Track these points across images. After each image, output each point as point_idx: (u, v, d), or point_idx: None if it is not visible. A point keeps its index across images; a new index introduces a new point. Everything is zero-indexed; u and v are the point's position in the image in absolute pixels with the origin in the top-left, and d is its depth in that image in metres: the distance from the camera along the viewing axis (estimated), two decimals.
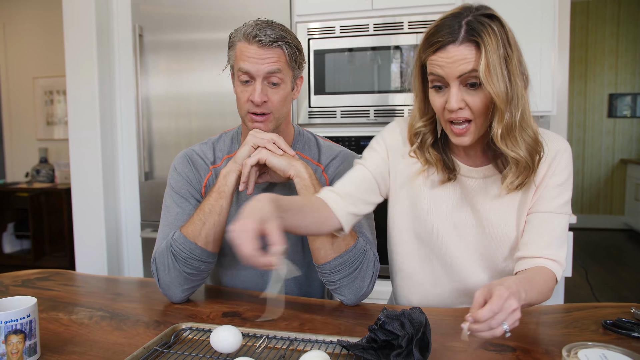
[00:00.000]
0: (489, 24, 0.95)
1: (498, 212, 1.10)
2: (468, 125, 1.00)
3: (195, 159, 1.31)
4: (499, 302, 0.78)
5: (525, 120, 1.00)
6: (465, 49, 0.95)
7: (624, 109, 5.92)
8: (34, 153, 4.93)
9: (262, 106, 1.18)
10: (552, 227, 1.06)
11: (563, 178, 1.07)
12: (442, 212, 1.13)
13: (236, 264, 1.32)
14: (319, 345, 0.90)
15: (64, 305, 1.17)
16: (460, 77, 0.96)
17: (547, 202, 1.07)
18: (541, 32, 2.35)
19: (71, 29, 2.60)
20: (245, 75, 1.17)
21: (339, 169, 1.29)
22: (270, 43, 1.15)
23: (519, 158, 1.00)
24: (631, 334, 0.94)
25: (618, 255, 4.94)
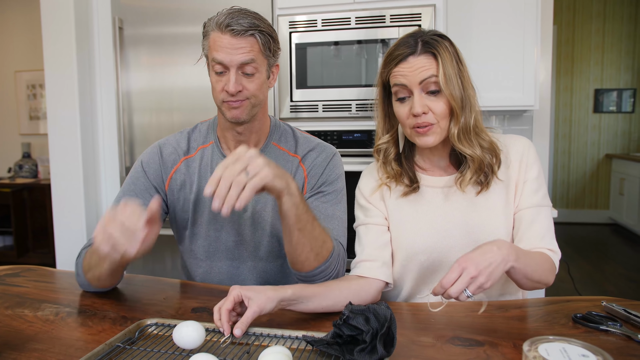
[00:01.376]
0: (442, 41, 1.09)
1: (481, 214, 1.15)
2: (431, 126, 1.09)
3: (166, 150, 1.30)
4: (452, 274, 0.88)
5: (478, 126, 1.12)
6: (424, 59, 1.07)
7: (609, 104, 5.96)
8: (16, 148, 4.86)
9: (238, 95, 1.17)
10: (540, 220, 1.13)
11: (537, 170, 1.16)
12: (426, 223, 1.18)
13: (209, 257, 1.31)
14: (284, 340, 0.89)
15: (30, 302, 1.15)
16: (422, 83, 1.07)
17: (530, 196, 1.14)
18: (524, 26, 2.36)
19: (49, 22, 2.55)
20: (220, 66, 1.16)
21: (316, 161, 1.29)
22: (243, 32, 1.13)
23: (474, 156, 1.11)
24: (599, 327, 0.94)
25: (603, 250, 4.99)
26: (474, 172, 1.13)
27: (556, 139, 6.11)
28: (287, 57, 2.23)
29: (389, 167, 1.20)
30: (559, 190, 6.20)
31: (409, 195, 1.20)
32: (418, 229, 1.17)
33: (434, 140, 1.10)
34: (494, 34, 2.39)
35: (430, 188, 1.19)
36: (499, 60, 2.39)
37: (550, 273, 1.08)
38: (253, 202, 1.28)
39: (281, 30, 2.23)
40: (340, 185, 1.30)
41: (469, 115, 1.10)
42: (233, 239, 1.29)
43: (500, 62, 2.39)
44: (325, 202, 1.25)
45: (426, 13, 2.08)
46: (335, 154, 1.33)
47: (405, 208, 1.20)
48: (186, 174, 1.29)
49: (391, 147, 1.21)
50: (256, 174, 0.90)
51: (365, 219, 1.23)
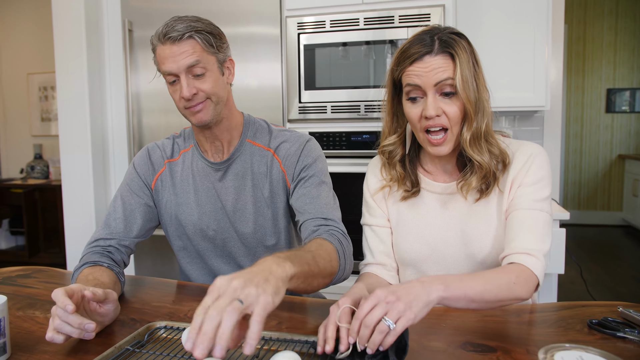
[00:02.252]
0: (459, 40, 1.04)
1: (478, 223, 1.12)
2: (445, 134, 1.05)
3: (154, 153, 1.36)
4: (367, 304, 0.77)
5: (489, 132, 1.08)
6: (441, 59, 1.02)
7: (622, 104, 5.89)
8: (28, 149, 4.90)
9: (194, 98, 1.19)
10: (528, 222, 1.05)
11: (537, 177, 1.08)
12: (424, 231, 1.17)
13: (199, 255, 1.36)
14: (293, 345, 0.88)
15: (41, 303, 1.15)
16: (437, 85, 1.02)
17: (521, 199, 1.07)
18: (534, 25, 2.33)
19: (60, 24, 2.57)
20: (171, 76, 1.19)
21: (290, 150, 1.29)
22: (180, 36, 1.16)
23: (483, 163, 1.06)
24: (616, 334, 0.92)
25: (615, 252, 4.92)
26: (480, 179, 1.08)
27: (567, 139, 6.05)
28: (296, 59, 2.23)
29: (393, 169, 1.18)
30: (570, 191, 6.13)
31: (408, 200, 1.18)
32: (415, 236, 1.16)
33: (447, 149, 1.07)
34: (503, 33, 2.36)
35: (430, 193, 1.17)
36: (509, 60, 2.36)
37: (523, 287, 0.94)
38: (233, 200, 1.31)
39: (289, 32, 2.23)
40: (320, 166, 1.29)
41: (482, 119, 1.05)
42: (220, 236, 1.33)
43: (510, 62, 2.36)
44: (309, 185, 1.25)
45: (435, 13, 2.07)
46: (309, 140, 1.32)
47: (404, 213, 1.19)
48: (169, 176, 1.34)
49: (397, 149, 1.17)
50: (254, 305, 0.71)
51: (370, 219, 1.23)
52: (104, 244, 1.26)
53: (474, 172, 1.08)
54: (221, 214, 1.32)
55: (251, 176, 1.30)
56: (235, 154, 1.31)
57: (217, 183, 1.32)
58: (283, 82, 2.28)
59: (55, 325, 0.85)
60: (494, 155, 1.08)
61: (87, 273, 1.13)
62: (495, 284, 0.91)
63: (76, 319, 0.85)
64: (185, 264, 1.39)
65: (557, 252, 2.14)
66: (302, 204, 1.23)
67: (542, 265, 1.00)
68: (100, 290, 0.94)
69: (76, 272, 1.17)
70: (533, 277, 0.98)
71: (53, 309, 0.87)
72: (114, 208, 1.31)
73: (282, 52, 2.27)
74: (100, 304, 0.95)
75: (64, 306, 0.84)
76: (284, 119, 2.30)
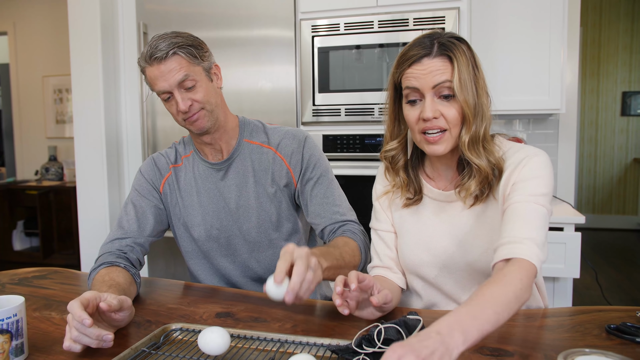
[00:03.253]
0: (459, 45, 1.03)
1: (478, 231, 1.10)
2: (442, 133, 1.04)
3: (159, 161, 1.41)
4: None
5: (487, 137, 1.06)
6: (439, 62, 1.01)
7: (638, 107, 5.81)
8: (43, 151, 4.96)
9: (190, 109, 1.24)
10: (521, 212, 0.97)
11: (531, 175, 1.01)
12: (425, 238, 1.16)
13: (205, 256, 1.39)
14: (309, 348, 0.88)
15: (57, 304, 1.16)
16: (435, 88, 1.01)
17: (515, 193, 1.01)
18: (550, 29, 2.31)
19: (76, 27, 2.60)
20: (165, 94, 1.24)
21: (292, 147, 1.35)
22: (165, 55, 1.20)
23: (482, 166, 1.04)
24: (635, 339, 0.91)
25: (631, 256, 4.86)
26: (478, 183, 1.06)
27: (582, 142, 5.98)
28: (310, 61, 2.23)
29: (397, 176, 1.17)
30: (584, 195, 6.06)
31: (410, 207, 1.18)
32: (416, 244, 1.16)
33: (444, 148, 1.05)
34: (518, 36, 2.34)
35: (431, 200, 1.16)
36: (524, 63, 2.35)
37: (527, 288, 0.86)
38: (235, 197, 1.35)
39: (304, 34, 2.23)
40: (325, 165, 1.37)
41: (480, 123, 1.04)
42: (224, 235, 1.37)
43: (525, 64, 2.34)
44: (320, 187, 1.34)
45: (450, 16, 2.06)
46: (307, 136, 1.38)
47: (407, 219, 1.18)
48: (175, 181, 1.39)
49: (399, 154, 1.16)
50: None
51: (376, 223, 1.25)
52: (119, 245, 1.28)
53: (472, 176, 1.06)
54: (224, 212, 1.36)
55: (253, 173, 1.34)
56: (234, 154, 1.35)
57: (219, 182, 1.36)
58: (297, 85, 2.28)
59: (73, 336, 0.86)
60: (490, 161, 1.05)
61: (103, 274, 1.14)
62: (505, 303, 0.81)
63: (94, 331, 0.85)
64: (192, 265, 1.43)
65: (572, 256, 2.12)
66: (317, 208, 1.32)
67: (536, 251, 0.91)
68: (114, 300, 0.94)
69: (93, 272, 1.18)
70: (531, 268, 0.89)
71: (69, 318, 0.87)
72: (125, 212, 1.35)
73: (296, 55, 2.27)
74: (115, 312, 0.96)
75: (81, 320, 0.84)
76: (298, 122, 2.30)
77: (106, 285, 1.08)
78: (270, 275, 0.92)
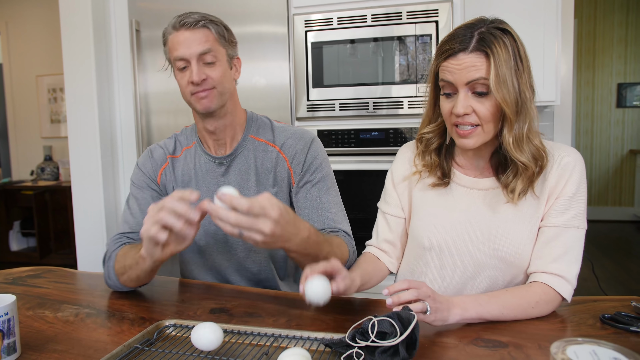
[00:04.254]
0: (501, 37, 0.99)
1: (505, 224, 1.08)
2: (474, 128, 1.02)
3: (156, 152, 1.37)
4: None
5: (531, 132, 1.02)
6: (474, 57, 0.98)
7: (633, 98, 5.82)
8: (38, 151, 4.94)
9: (203, 84, 1.21)
10: (561, 241, 1.03)
11: (575, 189, 1.05)
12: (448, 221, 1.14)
13: (200, 252, 1.35)
14: (303, 342, 0.87)
15: (51, 303, 1.15)
16: (469, 84, 0.99)
17: (558, 214, 1.05)
18: (544, 21, 2.31)
19: (68, 26, 2.58)
20: (182, 62, 1.22)
21: (297, 148, 1.31)
22: (195, 23, 1.21)
23: (529, 164, 1.02)
24: (629, 329, 0.91)
25: (627, 247, 4.87)
26: (526, 181, 1.04)
27: (578, 134, 5.99)
28: (304, 56, 2.22)
29: (428, 156, 1.16)
30: None
31: (436, 188, 1.15)
32: (437, 225, 1.13)
33: (474, 142, 1.03)
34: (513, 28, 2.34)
35: (459, 186, 1.14)
36: None
37: (542, 309, 0.99)
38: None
39: (297, 29, 2.22)
40: (326, 170, 1.32)
41: (523, 121, 1.00)
42: (222, 233, 1.32)
43: None
44: (317, 191, 1.28)
45: (443, 9, 2.05)
46: (314, 139, 1.34)
47: (430, 200, 1.16)
48: (172, 171, 1.36)
49: (435, 138, 1.15)
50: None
51: (385, 206, 1.24)
52: (127, 239, 1.27)
53: (518, 174, 1.04)
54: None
55: (255, 171, 1.31)
56: (238, 149, 1.32)
57: (220, 178, 1.33)
58: (291, 80, 2.27)
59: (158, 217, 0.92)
60: (534, 157, 1.03)
61: (126, 250, 1.16)
62: (513, 308, 0.97)
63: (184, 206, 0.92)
64: (186, 260, 1.39)
65: None
66: (310, 212, 1.26)
67: (571, 288, 1.01)
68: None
69: (112, 254, 1.20)
70: (557, 298, 1.01)
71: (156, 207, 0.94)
72: (128, 207, 1.33)
73: (289, 50, 2.26)
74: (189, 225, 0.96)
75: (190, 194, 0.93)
76: (292, 117, 2.29)
77: (130, 259, 1.11)
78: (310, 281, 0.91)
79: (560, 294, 1.00)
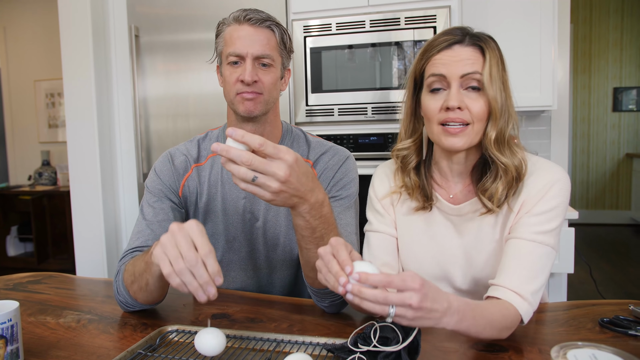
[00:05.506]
0: (489, 41, 1.00)
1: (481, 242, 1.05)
2: (464, 127, 0.97)
3: (177, 158, 1.27)
4: (402, 283, 0.69)
5: (512, 137, 1.01)
6: (470, 51, 0.98)
7: (629, 102, 5.85)
8: (36, 156, 4.93)
9: (253, 86, 1.15)
10: (526, 257, 0.95)
11: (550, 206, 0.98)
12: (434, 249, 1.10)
13: (222, 267, 1.29)
14: (305, 347, 0.88)
15: (52, 309, 1.15)
16: (463, 77, 0.96)
17: (528, 227, 0.97)
18: (540, 26, 2.33)
19: (67, 31, 2.59)
20: (235, 57, 1.15)
21: (329, 163, 1.25)
22: (261, 22, 1.15)
23: (509, 165, 0.98)
24: (628, 332, 0.92)
25: (624, 251, 4.89)
26: (505, 184, 0.99)
27: (574, 138, 6.02)
28: (302, 62, 2.23)
29: (407, 177, 1.10)
30: (578, 191, 6.10)
31: (420, 212, 1.10)
32: (425, 254, 1.10)
33: (463, 142, 0.98)
34: (509, 34, 2.36)
35: (441, 210, 1.09)
36: (516, 60, 2.36)
37: (506, 331, 0.89)
38: (264, 211, 1.25)
39: (295, 35, 2.23)
40: (353, 189, 1.24)
41: (507, 122, 0.99)
42: (246, 249, 1.27)
43: (516, 62, 2.36)
44: (338, 207, 1.20)
45: (441, 15, 2.07)
46: (349, 157, 1.28)
47: (414, 226, 1.12)
48: (197, 182, 1.26)
49: (412, 154, 1.09)
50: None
51: (378, 225, 1.15)
52: (140, 252, 1.13)
53: (498, 177, 0.99)
54: (249, 225, 1.26)
55: None
56: None
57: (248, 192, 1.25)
58: (290, 85, 2.28)
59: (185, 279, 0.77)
60: (515, 163, 0.99)
61: (136, 257, 1.05)
62: (496, 328, 0.86)
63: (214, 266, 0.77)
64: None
65: (566, 251, 2.13)
66: None
67: (531, 309, 0.92)
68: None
69: (122, 267, 1.09)
70: (519, 319, 0.91)
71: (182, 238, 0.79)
72: (143, 216, 1.20)
73: None
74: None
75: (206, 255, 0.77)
76: (291, 122, 2.30)
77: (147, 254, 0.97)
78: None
79: (521, 314, 0.91)
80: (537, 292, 0.93)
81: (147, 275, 0.97)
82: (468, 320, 0.79)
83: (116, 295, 1.10)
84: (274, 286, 1.30)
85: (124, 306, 1.10)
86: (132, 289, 1.04)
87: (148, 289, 1.01)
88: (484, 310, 0.84)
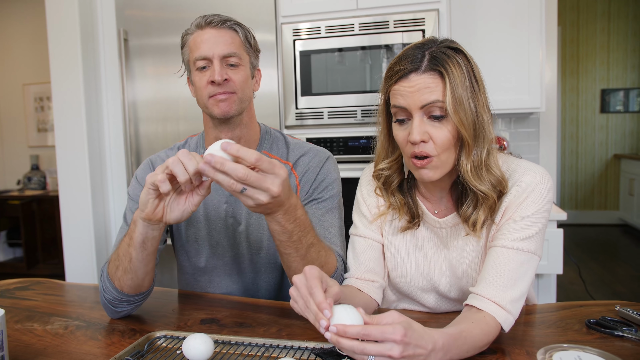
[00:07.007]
0: (454, 56, 0.92)
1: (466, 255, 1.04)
2: (430, 159, 0.93)
3: (157, 164, 1.27)
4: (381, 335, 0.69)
5: (490, 159, 0.96)
6: (428, 78, 0.90)
7: (616, 104, 5.92)
8: (25, 160, 4.90)
9: (224, 85, 1.14)
10: (505, 265, 0.93)
11: (529, 212, 0.95)
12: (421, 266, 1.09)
13: (207, 272, 1.30)
14: (294, 351, 0.88)
15: (40, 315, 1.14)
16: (424, 108, 0.91)
17: (507, 234, 0.95)
18: (528, 29, 2.35)
19: (55, 35, 2.58)
20: (203, 61, 1.14)
21: (310, 165, 1.24)
22: (223, 22, 1.15)
23: (489, 193, 0.95)
24: (614, 333, 0.93)
25: (613, 251, 4.93)
26: (487, 210, 0.96)
27: (563, 140, 6.07)
28: (292, 65, 2.23)
29: (392, 197, 1.07)
30: (567, 192, 6.15)
31: (407, 231, 1.09)
32: (414, 270, 1.10)
33: (433, 174, 0.94)
34: (498, 36, 2.38)
35: (430, 227, 1.07)
36: (504, 62, 2.38)
37: (488, 344, 0.87)
38: (246, 215, 1.25)
39: (285, 38, 2.24)
40: (335, 190, 1.24)
41: (482, 146, 0.93)
42: (230, 254, 1.27)
43: (505, 64, 2.38)
44: (321, 209, 1.20)
45: (429, 18, 2.08)
46: (329, 158, 1.28)
47: (401, 237, 1.10)
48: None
49: (394, 174, 1.06)
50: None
51: (364, 230, 1.13)
52: None
53: (479, 204, 0.97)
54: (231, 229, 1.26)
55: None
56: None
57: (230, 197, 1.24)
58: (279, 89, 2.28)
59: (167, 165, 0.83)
60: (493, 184, 0.96)
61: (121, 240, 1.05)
62: (478, 347, 0.85)
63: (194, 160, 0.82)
64: (187, 278, 1.32)
65: (555, 252, 2.15)
66: None
67: (511, 317, 0.90)
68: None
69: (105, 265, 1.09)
70: (499, 329, 0.89)
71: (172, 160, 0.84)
72: (125, 222, 1.22)
73: (278, 59, 2.27)
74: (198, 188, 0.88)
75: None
76: (281, 126, 2.30)
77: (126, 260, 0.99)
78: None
79: (502, 325, 0.89)
80: (518, 300, 0.91)
81: (131, 249, 0.97)
82: (452, 351, 0.79)
83: (102, 297, 1.08)
84: (259, 290, 1.29)
85: (111, 307, 1.07)
86: (116, 277, 1.03)
87: (132, 268, 1.00)
88: (467, 336, 0.83)
